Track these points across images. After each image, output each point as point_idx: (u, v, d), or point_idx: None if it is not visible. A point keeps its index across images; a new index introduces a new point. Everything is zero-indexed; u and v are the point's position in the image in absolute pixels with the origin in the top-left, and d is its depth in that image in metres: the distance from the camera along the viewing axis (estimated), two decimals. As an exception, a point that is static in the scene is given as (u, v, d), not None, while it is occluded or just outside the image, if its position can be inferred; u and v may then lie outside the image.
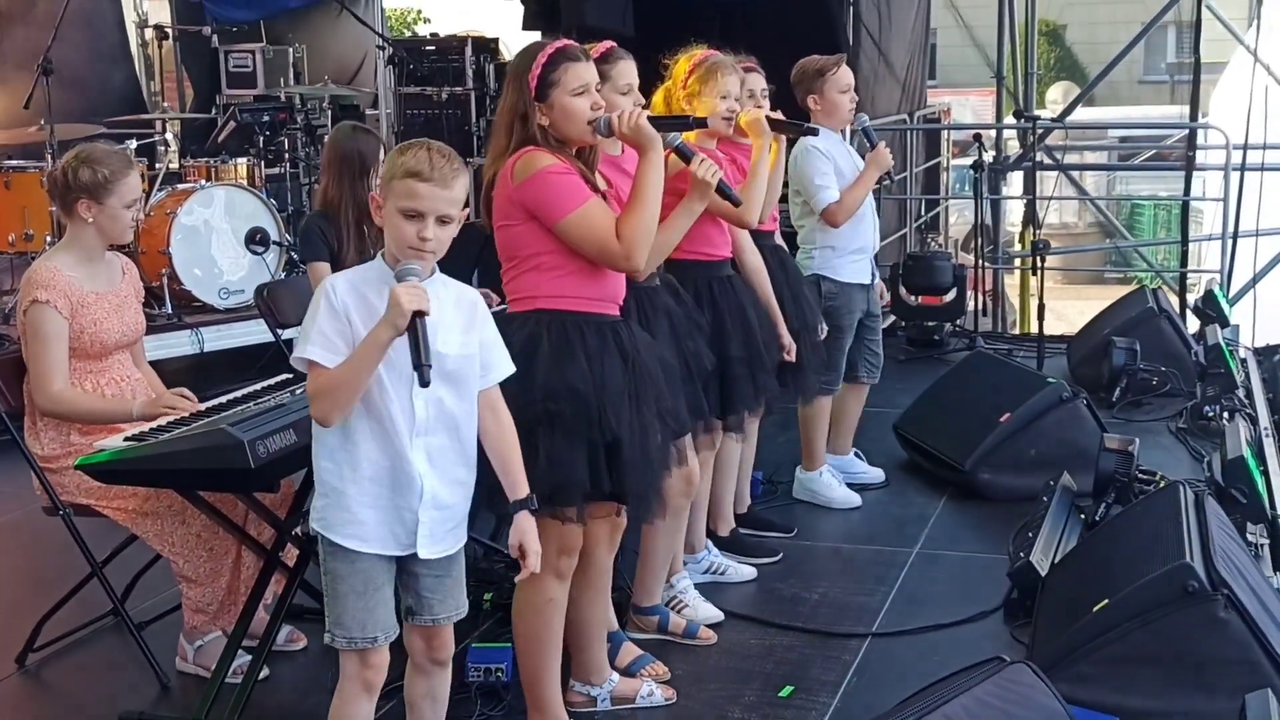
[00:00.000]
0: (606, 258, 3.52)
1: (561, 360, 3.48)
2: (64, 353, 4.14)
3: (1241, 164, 8.68)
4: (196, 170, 8.64)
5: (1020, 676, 3.11)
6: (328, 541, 3.12)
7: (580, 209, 3.47)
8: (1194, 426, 6.69)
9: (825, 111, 5.51)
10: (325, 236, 5.12)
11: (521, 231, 3.52)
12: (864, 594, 4.87)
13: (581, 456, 3.49)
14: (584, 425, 3.48)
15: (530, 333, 3.50)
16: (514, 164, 3.50)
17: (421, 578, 3.20)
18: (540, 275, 3.54)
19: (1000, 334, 9.54)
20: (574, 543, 3.67)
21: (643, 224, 3.52)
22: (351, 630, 3.14)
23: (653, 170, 3.56)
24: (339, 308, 3.04)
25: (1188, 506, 4.17)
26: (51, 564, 5.19)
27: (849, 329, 5.69)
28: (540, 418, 3.44)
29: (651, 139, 3.56)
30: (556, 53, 3.53)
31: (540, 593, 3.65)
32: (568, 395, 3.46)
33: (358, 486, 3.09)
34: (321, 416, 3.04)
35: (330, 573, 3.13)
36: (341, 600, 3.12)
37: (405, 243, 3.04)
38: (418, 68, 10.22)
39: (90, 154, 4.28)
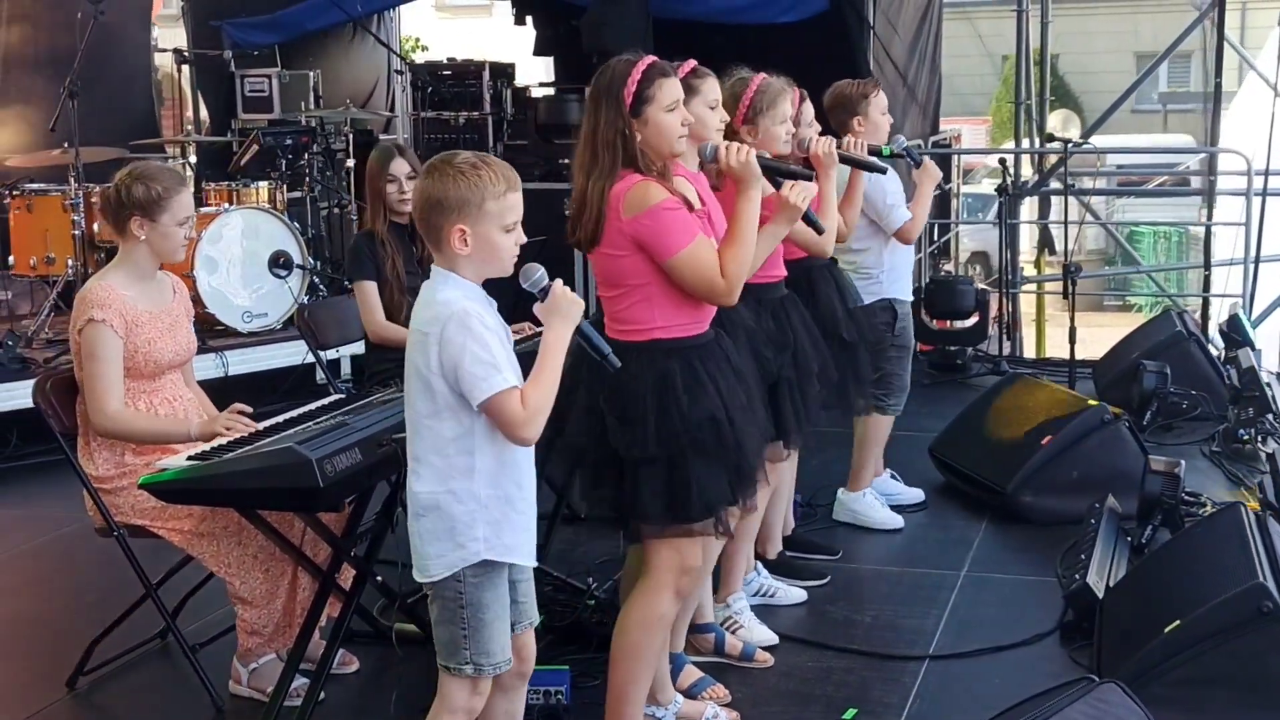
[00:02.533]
0: (712, 295, 3.57)
1: (696, 393, 3.52)
2: (120, 372, 4.10)
3: (1264, 189, 8.68)
4: (218, 194, 8.60)
5: (1110, 696, 3.08)
6: (469, 573, 3.08)
7: (690, 247, 3.49)
8: (1228, 450, 6.68)
9: (869, 133, 5.49)
10: (373, 255, 5.12)
11: (631, 263, 3.53)
12: (916, 616, 4.84)
13: (724, 477, 3.58)
14: (722, 450, 3.55)
15: (659, 369, 3.52)
16: (624, 194, 3.48)
17: (518, 584, 3.23)
18: (652, 307, 3.55)
19: (1022, 358, 9.52)
20: (695, 561, 3.70)
21: (745, 261, 3.59)
22: (496, 655, 3.15)
23: (752, 207, 3.60)
24: (494, 329, 3.06)
25: (1251, 527, 4.15)
26: (93, 585, 5.16)
27: (912, 348, 5.74)
28: (686, 448, 3.49)
29: (756, 177, 3.61)
30: (650, 68, 3.53)
31: (655, 607, 3.66)
32: (709, 426, 3.51)
33: (525, 502, 3.15)
34: (534, 436, 3.06)
35: (474, 604, 3.10)
36: (488, 628, 3.12)
37: (509, 253, 3.10)
38: (435, 92, 10.21)
39: (144, 171, 4.26)
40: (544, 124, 9.82)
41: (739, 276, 3.55)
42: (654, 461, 3.45)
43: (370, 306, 5.15)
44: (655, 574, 3.64)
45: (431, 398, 3.04)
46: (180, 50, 10.56)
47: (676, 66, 3.84)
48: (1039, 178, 10.24)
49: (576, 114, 9.67)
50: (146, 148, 9.22)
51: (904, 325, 5.66)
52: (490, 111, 10.26)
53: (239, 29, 10.65)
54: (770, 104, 4.45)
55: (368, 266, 5.13)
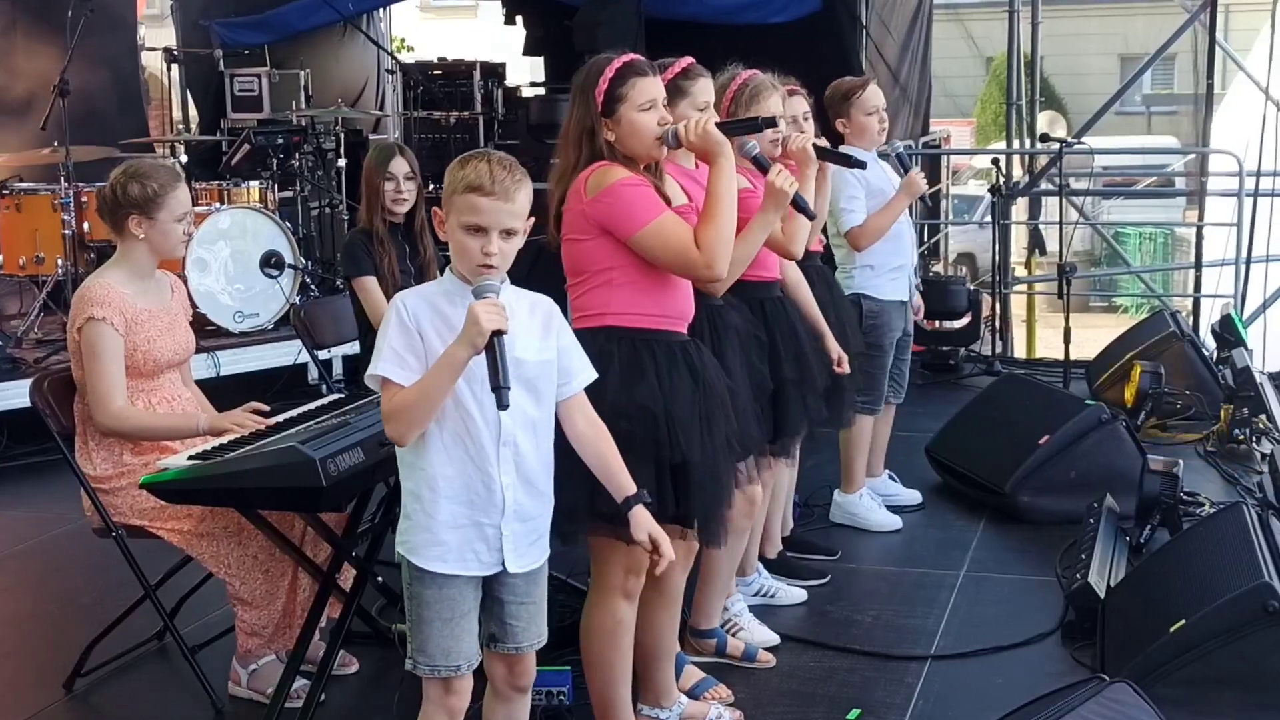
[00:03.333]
0: (688, 268, 3.47)
1: (631, 378, 3.42)
2: (122, 369, 4.06)
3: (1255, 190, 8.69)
4: (209, 193, 8.55)
5: (1122, 695, 3.07)
6: (413, 566, 3.05)
7: (655, 221, 3.42)
8: (1223, 450, 6.68)
9: (854, 133, 5.50)
10: (369, 252, 5.10)
11: (593, 246, 3.47)
12: (917, 617, 4.83)
13: (649, 476, 3.41)
14: (652, 445, 3.42)
15: (600, 350, 3.41)
16: (586, 178, 3.45)
17: (507, 604, 3.13)
18: (611, 291, 3.48)
19: (1014, 358, 9.53)
20: (642, 563, 3.57)
21: (721, 232, 3.46)
22: (436, 658, 3.07)
23: (724, 177, 3.50)
24: (410, 324, 2.97)
25: (1255, 526, 4.14)
26: (89, 585, 5.13)
27: (889, 348, 5.67)
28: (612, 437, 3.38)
29: (720, 145, 3.51)
30: (624, 67, 3.47)
31: (609, 614, 3.60)
32: (637, 414, 3.40)
33: (436, 506, 3.02)
34: (397, 436, 2.98)
35: (415, 598, 3.06)
36: (427, 626, 3.05)
37: (471, 259, 2.97)
38: (426, 91, 10.18)
39: (139, 169, 4.22)
40: (536, 124, 9.79)
41: (715, 248, 3.44)
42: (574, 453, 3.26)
43: (374, 301, 5.10)
44: (601, 579, 3.57)
45: None
46: (170, 49, 10.50)
47: (669, 65, 3.81)
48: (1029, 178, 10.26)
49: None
50: (136, 147, 9.17)
51: (875, 323, 5.56)
52: (481, 111, 10.25)
53: (228, 28, 10.61)
54: (753, 100, 4.40)
55: (365, 263, 5.10)
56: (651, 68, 3.55)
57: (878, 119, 5.55)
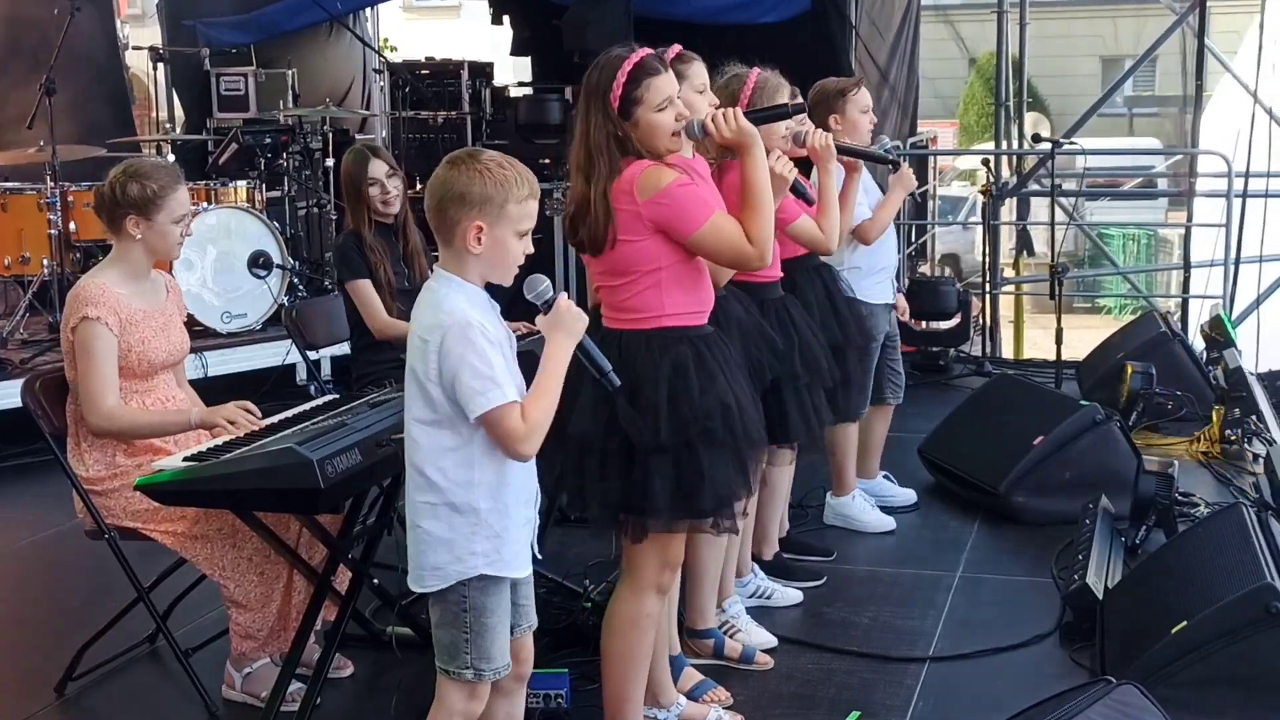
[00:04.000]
0: (742, 261, 3.55)
1: (707, 381, 3.47)
2: (115, 370, 4.02)
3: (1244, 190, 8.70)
4: (196, 193, 8.49)
5: (1129, 698, 3.05)
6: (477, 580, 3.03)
7: (710, 220, 3.45)
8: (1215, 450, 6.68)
9: (846, 131, 5.47)
10: (361, 254, 5.07)
11: (645, 246, 3.46)
12: (914, 618, 4.81)
13: (737, 467, 3.52)
14: (732, 440, 3.49)
15: (674, 356, 3.46)
16: (636, 179, 3.42)
17: (519, 587, 3.18)
18: (661, 291, 3.49)
19: (1003, 359, 9.53)
20: (679, 558, 3.66)
21: (768, 222, 3.54)
22: (497, 660, 3.10)
23: (760, 168, 3.55)
24: (496, 343, 2.98)
25: (1254, 527, 4.14)
26: (81, 588, 5.09)
27: (877, 350, 5.66)
28: (698, 437, 3.42)
29: (754, 137, 3.56)
30: (636, 68, 3.45)
31: (639, 608, 3.61)
32: (720, 414, 3.45)
33: (518, 514, 3.08)
34: (533, 451, 3.00)
35: (477, 609, 3.05)
36: (492, 633, 3.07)
37: (516, 261, 3.04)
38: (414, 91, 10.14)
39: (138, 168, 4.18)
40: (524, 124, 9.76)
41: (765, 239, 3.51)
42: (665, 451, 3.37)
43: (371, 304, 5.08)
44: (637, 572, 3.59)
45: (431, 406, 2.98)
46: (156, 48, 10.44)
47: (662, 53, 3.79)
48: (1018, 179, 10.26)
49: (557, 114, 9.65)
50: (124, 146, 9.11)
51: (865, 326, 5.52)
52: (469, 111, 10.21)
53: (213, 28, 10.55)
54: (769, 99, 4.40)
55: (359, 265, 5.07)
56: (662, 63, 3.53)
57: (869, 118, 5.54)
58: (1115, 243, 20.62)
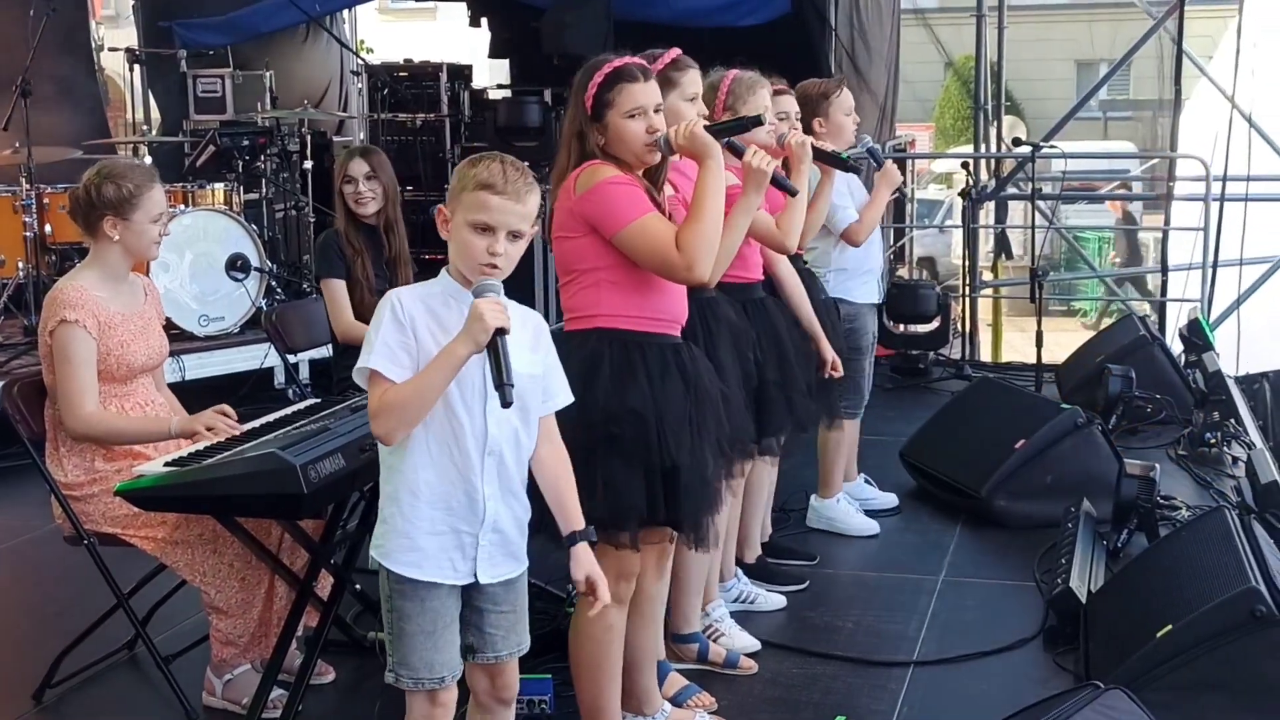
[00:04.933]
0: (668, 269, 3.41)
1: (623, 382, 3.39)
2: (94, 373, 3.98)
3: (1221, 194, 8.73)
4: (173, 195, 8.44)
5: (1117, 702, 3.04)
6: (394, 578, 2.99)
7: (639, 220, 3.38)
8: (1194, 453, 6.70)
9: (831, 134, 5.45)
10: (342, 253, 5.05)
11: (582, 245, 3.43)
12: (898, 622, 4.80)
13: (639, 482, 3.40)
14: (643, 450, 3.39)
15: (591, 352, 3.40)
16: (576, 176, 3.42)
17: (486, 614, 3.07)
18: (600, 291, 3.44)
19: (984, 363, 9.54)
20: (632, 568, 3.60)
21: (704, 233, 3.40)
22: (419, 671, 3.01)
23: (712, 178, 3.45)
24: (405, 320, 2.91)
25: (1238, 531, 4.14)
26: (59, 594, 5.04)
27: (868, 350, 5.69)
28: (599, 441, 3.35)
29: (709, 147, 3.47)
30: (613, 72, 3.42)
31: (600, 620, 3.53)
32: (629, 418, 3.36)
33: (416, 511, 2.96)
34: (384, 434, 2.91)
35: (396, 610, 3.00)
36: (409, 640, 3.00)
37: (475, 258, 2.91)
38: (393, 93, 10.10)
39: (113, 169, 4.14)
40: (503, 126, 9.72)
41: (697, 249, 3.36)
42: (569, 454, 3.20)
43: (339, 305, 5.06)
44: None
45: None
46: (132, 50, 10.38)
47: (658, 56, 3.77)
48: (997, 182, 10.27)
49: (535, 116, 9.60)
50: (99, 148, 9.05)
51: (852, 327, 5.54)
52: (448, 114, 10.16)
53: (190, 29, 10.49)
54: (748, 94, 4.39)
55: (337, 265, 5.05)
56: (645, 73, 3.48)
57: (853, 119, 5.54)
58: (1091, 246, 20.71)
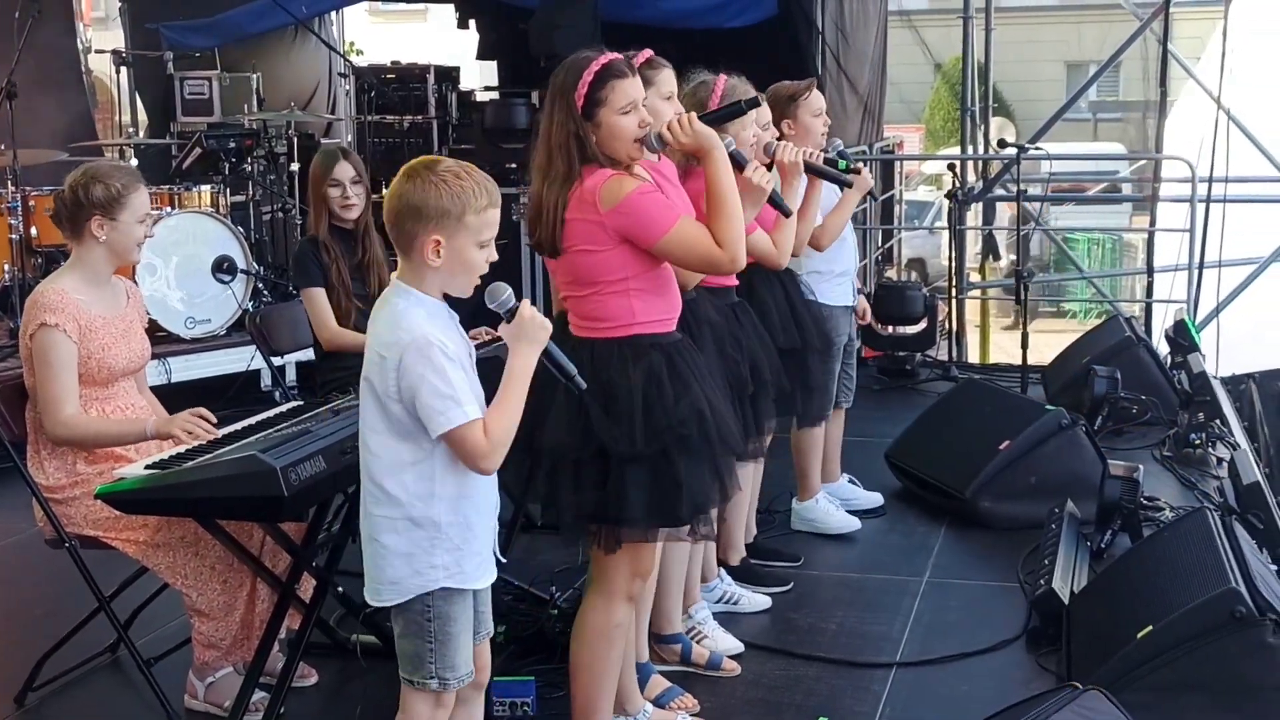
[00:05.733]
0: (712, 265, 3.51)
1: (681, 388, 3.45)
2: (74, 377, 3.98)
3: (1207, 195, 8.75)
4: (159, 198, 8.42)
5: (1095, 703, 3.05)
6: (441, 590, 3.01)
7: (676, 226, 3.41)
8: (1179, 454, 6.70)
9: (799, 135, 5.40)
10: (319, 261, 5.04)
11: (610, 257, 3.42)
12: (881, 623, 4.81)
13: (709, 476, 3.50)
14: (708, 447, 3.47)
15: (648, 363, 3.44)
16: (598, 189, 3.38)
17: (478, 594, 3.15)
18: (630, 299, 3.46)
19: (969, 364, 9.55)
20: (649, 566, 3.66)
21: (735, 224, 3.48)
22: (461, 669, 3.09)
23: (723, 170, 3.50)
24: (456, 359, 2.94)
25: (1220, 532, 4.15)
26: (41, 597, 5.02)
27: (838, 353, 5.66)
28: (673, 444, 3.41)
29: (711, 139, 3.51)
30: (603, 69, 3.42)
31: (609, 616, 3.59)
32: (695, 421, 3.43)
33: (482, 526, 3.06)
34: (496, 466, 2.97)
35: (441, 618, 3.03)
36: (455, 641, 3.06)
37: (478, 270, 2.99)
38: (380, 95, 10.10)
39: (99, 170, 4.15)
40: (491, 128, 9.73)
41: (735, 241, 3.45)
42: (640, 460, 3.35)
43: (322, 314, 5.05)
44: (608, 581, 3.58)
45: (390, 421, 2.95)
46: (119, 52, 10.36)
47: (632, 57, 3.78)
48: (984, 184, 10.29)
49: (523, 118, 9.61)
50: (86, 150, 9.04)
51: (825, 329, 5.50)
52: (435, 115, 10.17)
53: (177, 31, 10.49)
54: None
55: (314, 273, 5.04)
56: (630, 68, 3.50)
57: (823, 121, 5.51)
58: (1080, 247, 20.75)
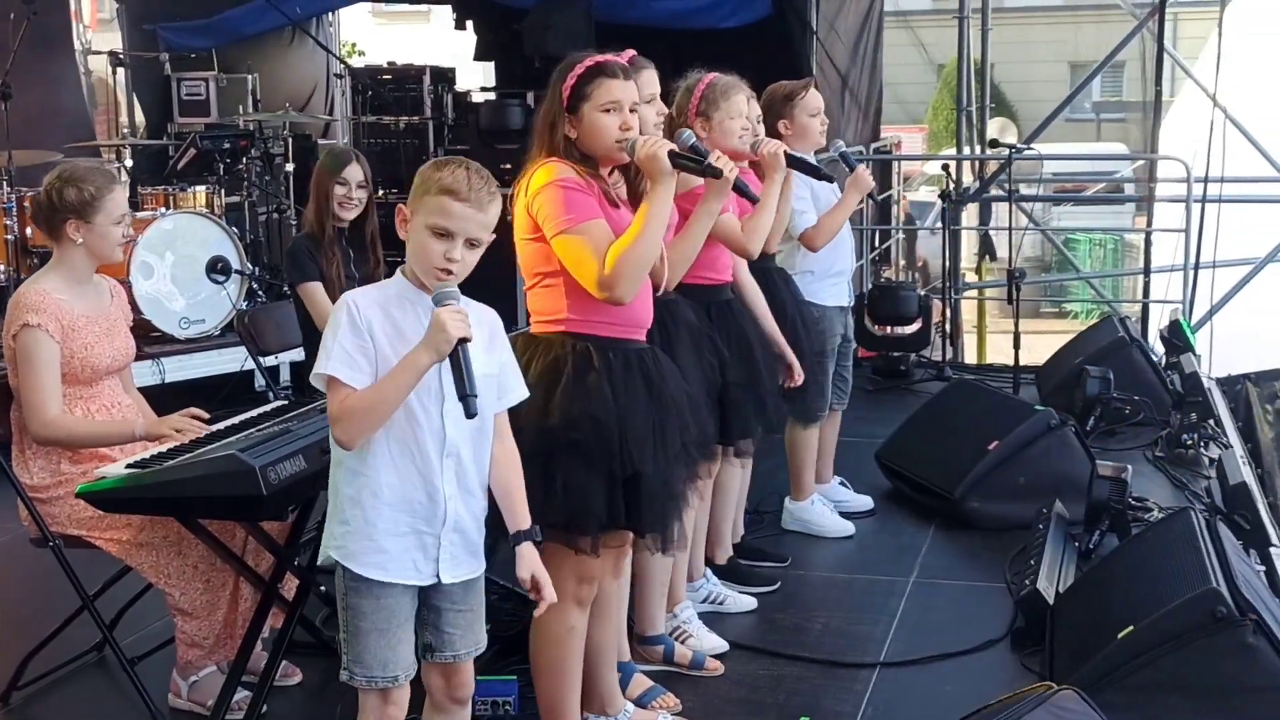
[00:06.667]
0: (591, 282, 3.37)
1: (585, 388, 3.39)
2: (57, 377, 3.98)
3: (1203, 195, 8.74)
4: (155, 198, 8.45)
5: (1069, 703, 3.05)
6: (350, 575, 3.00)
7: (577, 227, 3.35)
8: (1171, 455, 6.70)
9: (796, 136, 5.41)
10: (314, 257, 5.04)
11: (539, 246, 3.43)
12: (866, 623, 4.81)
13: (600, 487, 3.41)
14: (604, 456, 3.40)
15: (555, 357, 3.41)
16: (532, 174, 3.43)
17: (444, 612, 3.09)
18: (565, 294, 3.44)
19: (964, 364, 9.55)
20: (592, 571, 3.59)
21: (635, 253, 3.36)
22: (373, 669, 3.03)
23: (659, 203, 3.42)
24: (362, 324, 2.92)
25: (1203, 532, 4.14)
26: (28, 597, 5.04)
27: (832, 353, 5.66)
28: (560, 445, 3.36)
29: (662, 171, 3.43)
30: (594, 66, 3.46)
31: (561, 621, 3.56)
32: (590, 425, 3.37)
33: (378, 513, 2.98)
34: (346, 439, 2.92)
35: (352, 608, 3.01)
36: (363, 637, 3.02)
37: (431, 262, 2.93)
38: (376, 96, 10.11)
39: (73, 172, 4.15)
40: (486, 129, 9.74)
41: (624, 270, 3.33)
42: (530, 458, 3.25)
43: (322, 307, 5.04)
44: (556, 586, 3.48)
45: None
46: (115, 53, 10.39)
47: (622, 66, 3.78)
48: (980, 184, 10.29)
49: (519, 118, 9.62)
50: (82, 151, 9.06)
51: (818, 330, 5.46)
52: (431, 116, 10.18)
53: (174, 32, 10.51)
54: (722, 98, 4.40)
55: (311, 268, 5.05)
56: (625, 72, 3.51)
57: (820, 120, 5.51)
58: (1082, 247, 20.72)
